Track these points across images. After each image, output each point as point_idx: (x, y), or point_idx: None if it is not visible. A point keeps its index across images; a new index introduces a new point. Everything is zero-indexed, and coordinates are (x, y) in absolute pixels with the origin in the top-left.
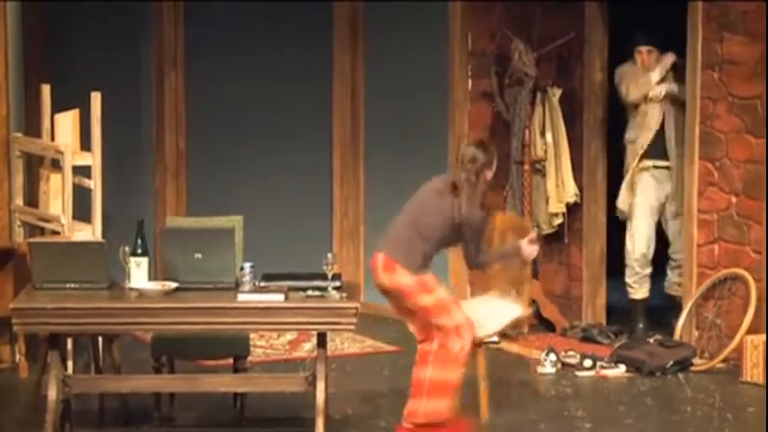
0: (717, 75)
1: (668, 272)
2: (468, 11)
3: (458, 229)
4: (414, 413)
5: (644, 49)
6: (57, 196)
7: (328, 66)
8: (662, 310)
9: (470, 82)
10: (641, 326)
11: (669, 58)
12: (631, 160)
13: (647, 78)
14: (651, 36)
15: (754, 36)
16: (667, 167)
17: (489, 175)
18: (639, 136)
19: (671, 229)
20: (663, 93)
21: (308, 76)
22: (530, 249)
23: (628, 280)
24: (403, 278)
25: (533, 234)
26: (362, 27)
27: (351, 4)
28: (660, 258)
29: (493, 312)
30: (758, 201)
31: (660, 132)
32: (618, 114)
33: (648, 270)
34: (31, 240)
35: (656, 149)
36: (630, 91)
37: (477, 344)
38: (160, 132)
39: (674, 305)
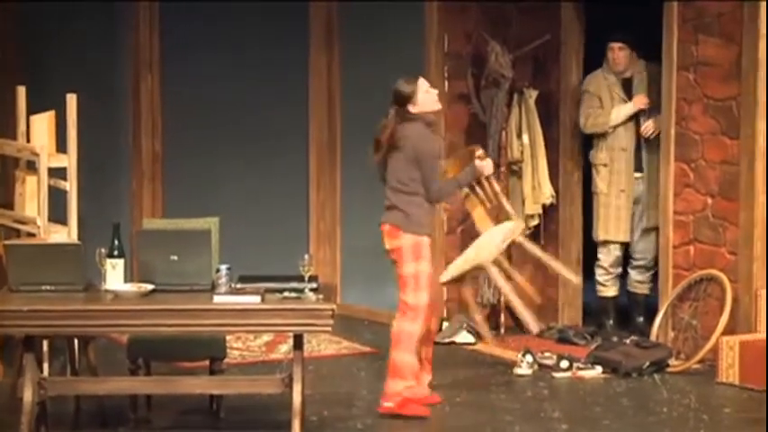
0: (692, 76)
1: (629, 270)
2: (444, 12)
3: (419, 164)
4: (383, 393)
5: (615, 45)
6: (32, 198)
7: (305, 67)
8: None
9: (447, 83)
10: (611, 323)
11: (640, 101)
12: (604, 186)
13: (605, 119)
14: (623, 33)
15: (730, 38)
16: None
17: (418, 93)
18: (614, 159)
19: (639, 230)
20: (620, 120)
21: (284, 78)
22: (483, 164)
23: (599, 279)
24: (403, 240)
25: (479, 151)
26: (339, 29)
27: (327, 5)
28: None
29: (490, 240)
30: (733, 202)
31: (637, 148)
32: None
33: (619, 269)
34: (7, 243)
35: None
36: (587, 125)
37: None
38: (136, 134)
39: (644, 303)
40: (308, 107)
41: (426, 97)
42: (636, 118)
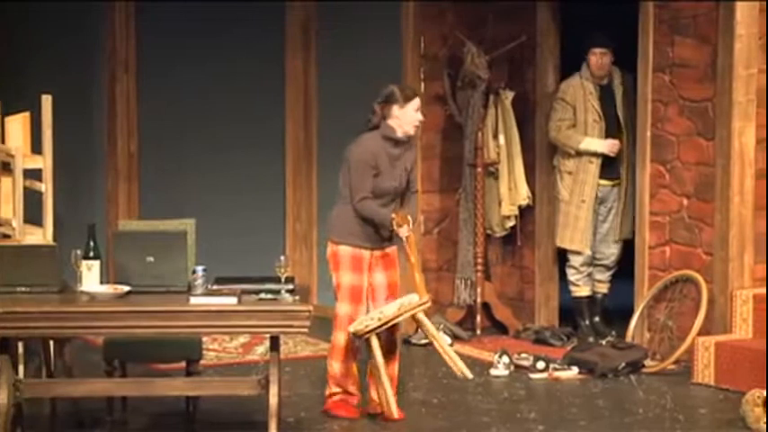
0: (668, 77)
1: (591, 270)
2: (420, 14)
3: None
4: None
5: (598, 51)
6: (7, 200)
7: (281, 68)
8: (612, 309)
9: (423, 85)
10: (586, 323)
11: (612, 147)
12: (566, 194)
13: (575, 144)
14: (606, 38)
15: (705, 39)
16: (616, 184)
17: (400, 113)
18: (580, 169)
19: (602, 230)
20: (588, 151)
21: (260, 78)
22: (398, 229)
23: (571, 279)
24: (328, 249)
25: (403, 220)
26: (315, 31)
27: (303, 7)
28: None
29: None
30: (709, 203)
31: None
32: None
33: (590, 269)
34: None
35: (601, 171)
36: (558, 138)
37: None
38: (112, 136)
39: (602, 303)
40: (284, 108)
41: (412, 114)
42: (613, 122)
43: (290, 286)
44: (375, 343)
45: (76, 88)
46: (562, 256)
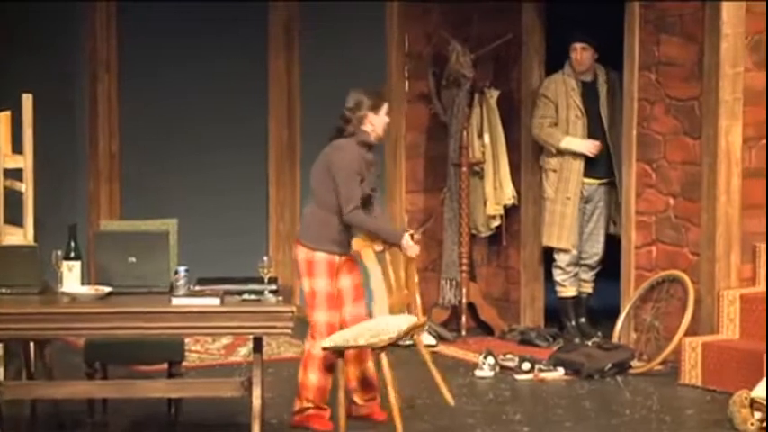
0: (654, 76)
1: (578, 270)
2: (404, 12)
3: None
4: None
5: (578, 45)
6: None
7: (264, 67)
8: (598, 309)
9: (407, 83)
10: (572, 323)
11: (592, 148)
12: (552, 192)
13: (556, 142)
14: (586, 33)
15: (691, 38)
16: (604, 183)
17: (374, 118)
18: (564, 166)
19: (587, 229)
20: (568, 151)
21: (243, 78)
22: (409, 245)
23: (557, 279)
24: (299, 254)
25: (417, 235)
26: (298, 30)
27: (286, 6)
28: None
29: (391, 321)
30: (696, 202)
31: (606, 154)
32: None
33: (576, 269)
34: None
35: (587, 169)
36: (540, 136)
37: (382, 348)
38: (93, 135)
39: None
40: (267, 106)
41: (384, 119)
42: (596, 120)
43: (274, 287)
44: (386, 359)
45: (57, 88)
46: (548, 256)
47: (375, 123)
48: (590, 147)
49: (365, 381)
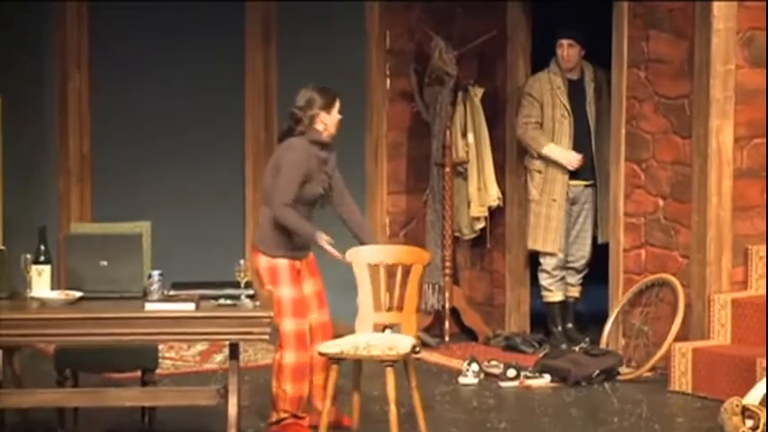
0: (643, 74)
1: (564, 274)
2: (386, 7)
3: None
4: None
5: (565, 42)
6: None
7: (240, 64)
8: (586, 314)
9: (389, 81)
10: (559, 329)
11: (573, 161)
12: (537, 193)
13: (538, 146)
14: (573, 29)
15: (681, 34)
16: (591, 184)
17: (326, 117)
18: (549, 167)
19: (574, 232)
20: (550, 158)
21: (219, 75)
22: (327, 247)
23: (543, 283)
24: (260, 262)
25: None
26: (275, 25)
27: (264, 3)
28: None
29: (397, 337)
30: (686, 204)
31: (580, 151)
32: None
33: (563, 273)
34: None
35: (573, 171)
36: (525, 137)
37: (393, 361)
38: (63, 135)
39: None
40: (243, 105)
41: (336, 117)
42: (582, 119)
43: (251, 291)
44: (392, 376)
45: (27, 86)
46: (534, 260)
47: (327, 122)
48: (571, 160)
49: (319, 388)
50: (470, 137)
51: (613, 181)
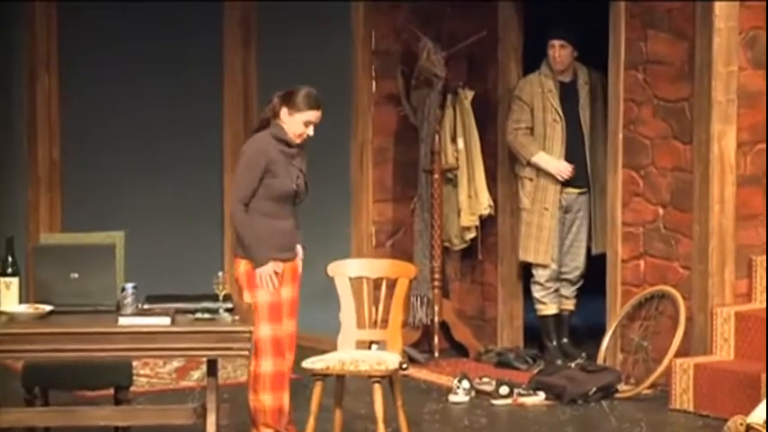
0: (641, 75)
1: (558, 286)
2: (371, 7)
3: None
4: None
5: (557, 43)
6: None
7: (218, 69)
8: (582, 328)
9: (374, 83)
10: (554, 344)
11: (564, 171)
12: (528, 202)
13: (528, 154)
14: (565, 29)
15: (681, 34)
16: (584, 192)
17: (286, 117)
18: (540, 174)
19: (567, 241)
20: (539, 166)
21: (195, 79)
22: (265, 277)
23: (536, 296)
24: (239, 268)
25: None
26: (255, 26)
27: (243, 4)
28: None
29: (383, 354)
30: (687, 212)
31: (573, 158)
32: None
33: (557, 284)
34: None
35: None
36: (514, 144)
37: (381, 377)
38: (32, 141)
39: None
40: (221, 110)
41: (299, 127)
42: (574, 121)
43: (229, 305)
44: (380, 390)
45: None
46: (527, 272)
47: (287, 124)
48: (561, 170)
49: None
50: (460, 142)
51: (611, 188)
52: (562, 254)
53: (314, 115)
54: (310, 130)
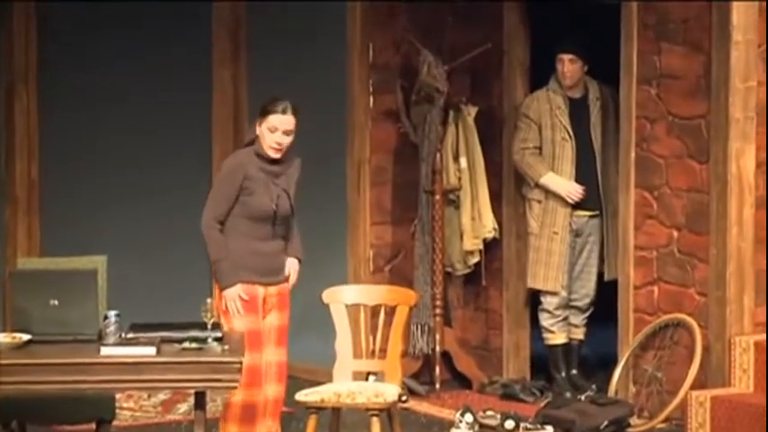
0: (654, 91)
1: (567, 313)
2: (369, 18)
3: None
4: None
5: (565, 57)
6: None
7: (207, 83)
8: (592, 358)
9: (372, 99)
10: (563, 375)
11: (573, 193)
12: (536, 226)
13: (536, 175)
14: (573, 42)
15: (697, 47)
16: (596, 215)
17: (262, 124)
18: (549, 196)
19: (577, 267)
20: (547, 188)
21: (182, 93)
22: (230, 305)
23: (544, 324)
24: (217, 290)
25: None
26: (245, 38)
27: (232, 8)
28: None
29: (381, 386)
30: (703, 236)
31: (584, 178)
32: None
33: (566, 312)
34: None
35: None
36: (522, 164)
37: (380, 410)
38: (9, 159)
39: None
40: (210, 127)
41: (266, 134)
42: (584, 140)
43: (218, 334)
44: (378, 427)
45: None
46: (534, 299)
47: (261, 136)
48: (571, 192)
49: None
50: (463, 161)
51: (622, 210)
52: (572, 280)
53: (277, 120)
54: (284, 140)
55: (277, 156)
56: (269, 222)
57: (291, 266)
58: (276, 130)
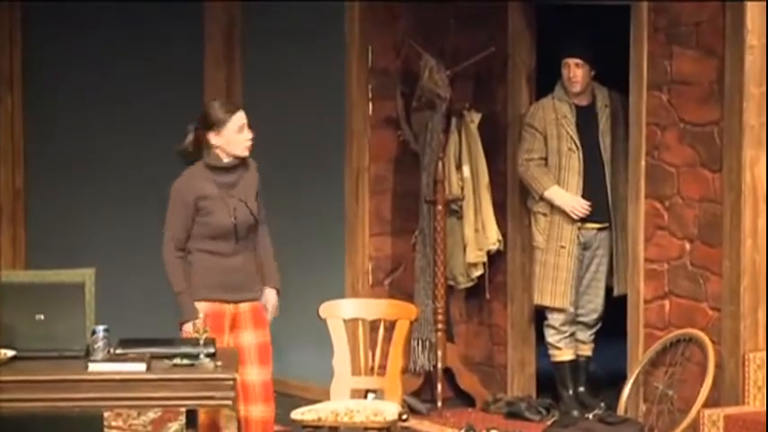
0: (665, 97)
1: (574, 329)
2: (368, 21)
3: None
4: None
5: (571, 62)
6: None
7: (198, 87)
8: (601, 375)
9: (371, 105)
10: (570, 393)
11: (579, 209)
12: (542, 240)
13: (540, 188)
14: (580, 46)
15: (710, 51)
16: (605, 227)
17: (216, 139)
18: (555, 209)
19: (585, 281)
20: (552, 201)
21: (172, 98)
22: (185, 328)
23: (550, 340)
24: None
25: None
26: (239, 41)
27: (225, 9)
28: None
29: (380, 404)
30: (716, 247)
31: (592, 190)
32: None
33: (573, 328)
34: None
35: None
36: (526, 176)
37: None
38: None
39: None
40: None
41: (235, 137)
42: (592, 150)
43: (211, 350)
44: None
45: None
46: (539, 314)
47: (220, 144)
48: (575, 208)
49: None
50: (466, 170)
51: (632, 221)
52: (579, 294)
53: (240, 117)
54: (247, 134)
55: (247, 153)
56: (231, 238)
57: (269, 299)
58: (244, 128)
